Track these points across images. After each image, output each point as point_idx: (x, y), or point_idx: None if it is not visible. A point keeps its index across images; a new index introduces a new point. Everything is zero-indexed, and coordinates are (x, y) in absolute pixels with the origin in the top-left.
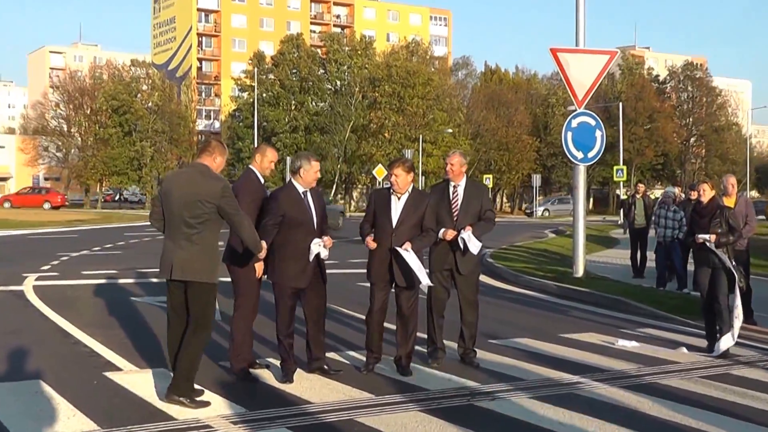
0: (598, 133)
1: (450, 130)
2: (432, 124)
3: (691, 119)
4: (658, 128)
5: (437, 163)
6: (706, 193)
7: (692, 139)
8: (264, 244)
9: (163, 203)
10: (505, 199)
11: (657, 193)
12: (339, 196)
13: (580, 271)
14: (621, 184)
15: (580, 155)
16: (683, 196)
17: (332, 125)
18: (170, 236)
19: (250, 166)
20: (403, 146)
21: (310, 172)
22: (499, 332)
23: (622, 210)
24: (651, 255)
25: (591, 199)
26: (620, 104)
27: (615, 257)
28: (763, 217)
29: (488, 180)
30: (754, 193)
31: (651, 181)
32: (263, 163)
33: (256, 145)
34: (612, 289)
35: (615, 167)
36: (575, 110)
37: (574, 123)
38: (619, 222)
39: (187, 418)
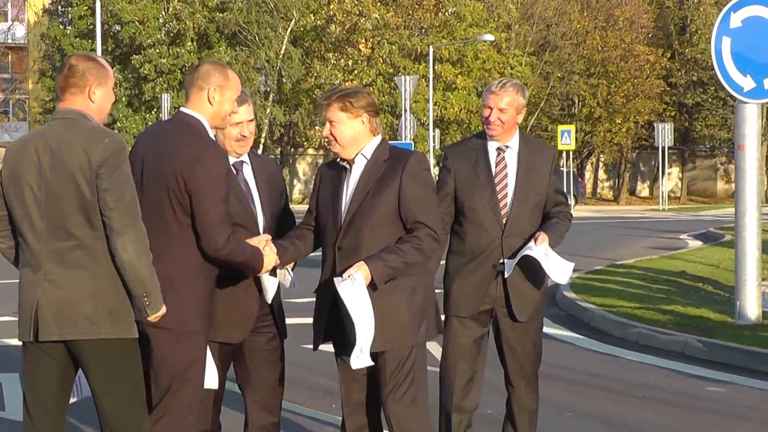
0: None
1: (491, 37)
2: (453, 25)
3: None
4: None
5: (465, 102)
6: None
7: None
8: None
9: (6, 198)
10: (602, 174)
11: None
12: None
13: (750, 315)
14: None
15: (747, 84)
16: None
17: (253, 29)
18: (28, 261)
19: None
20: (396, 69)
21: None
22: None
23: None
24: None
25: None
26: None
27: None
28: None
29: (567, 135)
30: None
31: None
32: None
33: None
34: None
35: None
36: None
37: (736, 20)
38: None
39: None
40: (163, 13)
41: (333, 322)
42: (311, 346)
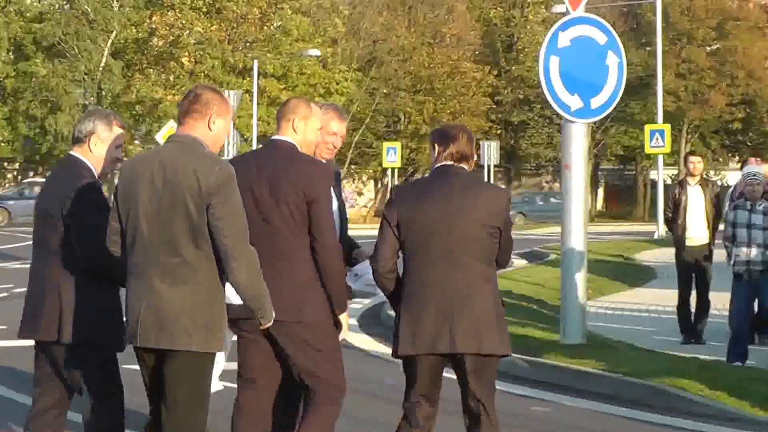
0: (611, 59)
1: (317, 52)
2: (279, 39)
3: None
4: (734, 50)
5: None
6: None
7: None
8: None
9: (120, 211)
10: None
11: (732, 177)
12: None
13: (576, 335)
14: (661, 159)
15: (575, 103)
16: None
17: (72, 41)
18: (135, 271)
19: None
20: (221, 83)
21: (112, 146)
22: None
23: (663, 210)
24: (723, 299)
25: (602, 191)
26: (658, 2)
27: (649, 303)
28: None
29: (393, 152)
30: None
31: (721, 153)
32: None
33: None
34: (643, 367)
35: (648, 127)
36: (566, 14)
37: (565, 39)
38: (658, 234)
39: None
40: None
41: None
42: None
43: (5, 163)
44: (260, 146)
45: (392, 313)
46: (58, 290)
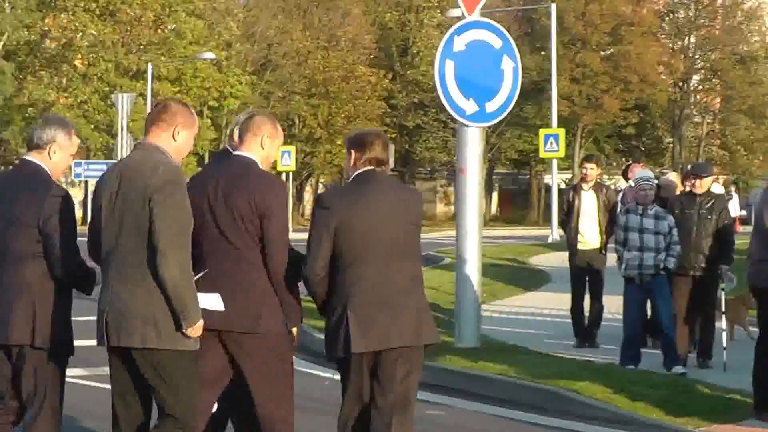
0: (506, 63)
1: (211, 55)
2: (173, 42)
3: (692, 39)
4: (628, 55)
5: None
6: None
7: (696, 78)
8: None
9: (93, 218)
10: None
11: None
12: None
13: (470, 338)
14: (555, 164)
15: (470, 107)
16: (682, 186)
17: None
18: (104, 275)
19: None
20: (115, 86)
21: (68, 155)
22: None
23: (556, 215)
24: (616, 302)
25: (496, 195)
26: (553, 6)
27: (543, 307)
28: None
29: (288, 155)
30: None
31: (615, 158)
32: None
33: None
34: (537, 371)
35: (543, 131)
36: (462, 18)
37: (460, 43)
38: (552, 238)
39: None
40: None
41: None
42: None
43: None
44: (216, 159)
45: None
46: (31, 296)
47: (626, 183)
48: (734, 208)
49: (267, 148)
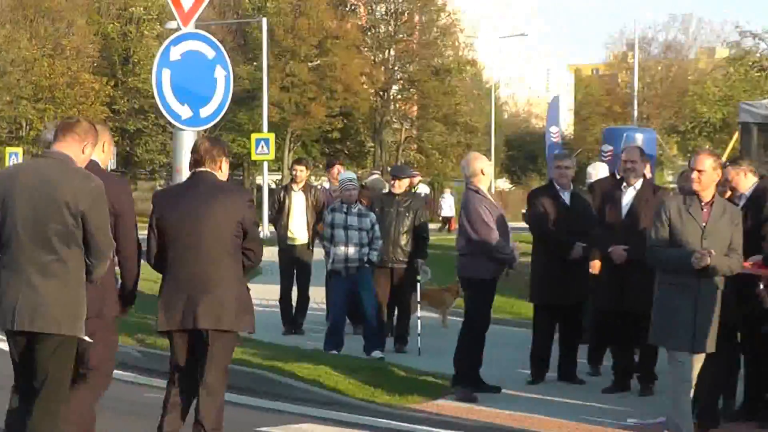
0: (219, 72)
1: None
2: None
3: (392, 52)
4: (334, 66)
5: None
6: None
7: (395, 88)
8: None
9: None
10: None
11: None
12: None
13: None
14: (266, 166)
15: (185, 113)
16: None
17: None
18: (10, 265)
19: None
20: None
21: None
22: None
23: (267, 213)
24: (321, 293)
25: None
26: (264, 21)
27: (254, 297)
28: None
29: (15, 156)
30: (504, 183)
31: (322, 160)
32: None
33: None
34: (249, 356)
35: (254, 136)
36: (178, 29)
37: (176, 53)
38: (263, 234)
39: None
40: None
41: None
42: None
43: None
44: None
45: None
46: None
47: (328, 184)
48: (449, 208)
49: (107, 152)
